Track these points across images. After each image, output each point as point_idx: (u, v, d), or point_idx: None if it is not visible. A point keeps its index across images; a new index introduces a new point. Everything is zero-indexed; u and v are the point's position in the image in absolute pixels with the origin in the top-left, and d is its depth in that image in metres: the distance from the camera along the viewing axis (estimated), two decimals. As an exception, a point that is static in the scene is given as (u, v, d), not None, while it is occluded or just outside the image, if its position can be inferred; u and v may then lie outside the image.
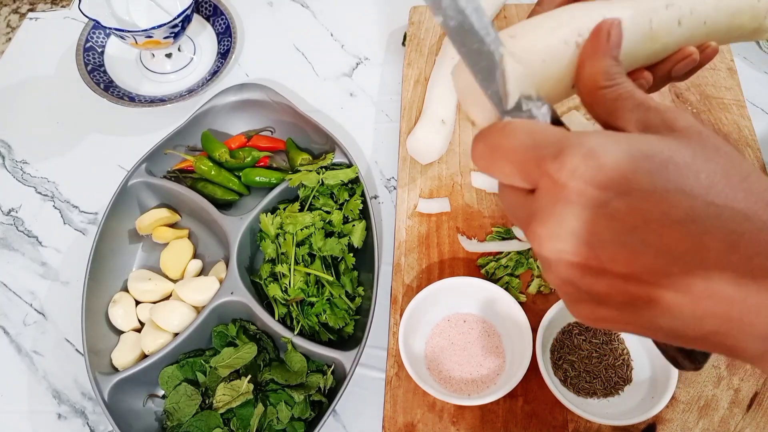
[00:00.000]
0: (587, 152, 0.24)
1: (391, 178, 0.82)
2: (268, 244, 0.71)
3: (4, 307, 0.76)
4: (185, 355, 0.67)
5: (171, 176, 0.79)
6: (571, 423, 0.62)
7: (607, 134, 0.25)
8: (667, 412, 0.62)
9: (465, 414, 0.63)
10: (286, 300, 0.68)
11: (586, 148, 0.24)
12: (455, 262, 0.72)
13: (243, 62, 0.94)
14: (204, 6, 0.97)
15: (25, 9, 2.24)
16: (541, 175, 0.25)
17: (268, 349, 0.67)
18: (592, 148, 0.24)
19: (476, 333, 0.67)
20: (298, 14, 0.99)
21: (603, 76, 0.29)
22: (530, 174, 0.26)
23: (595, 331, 0.65)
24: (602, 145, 0.24)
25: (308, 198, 0.73)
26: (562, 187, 0.24)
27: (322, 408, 0.64)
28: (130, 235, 0.77)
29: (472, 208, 0.76)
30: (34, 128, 0.90)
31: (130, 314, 0.70)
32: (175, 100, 0.86)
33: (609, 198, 0.23)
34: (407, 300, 0.66)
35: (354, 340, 0.67)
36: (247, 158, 0.78)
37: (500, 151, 0.27)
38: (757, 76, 0.87)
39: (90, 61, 0.91)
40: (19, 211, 0.83)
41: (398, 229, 0.75)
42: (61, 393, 0.70)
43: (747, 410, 0.62)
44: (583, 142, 0.24)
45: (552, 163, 0.24)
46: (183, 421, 0.62)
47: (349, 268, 0.70)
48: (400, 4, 0.95)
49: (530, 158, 0.26)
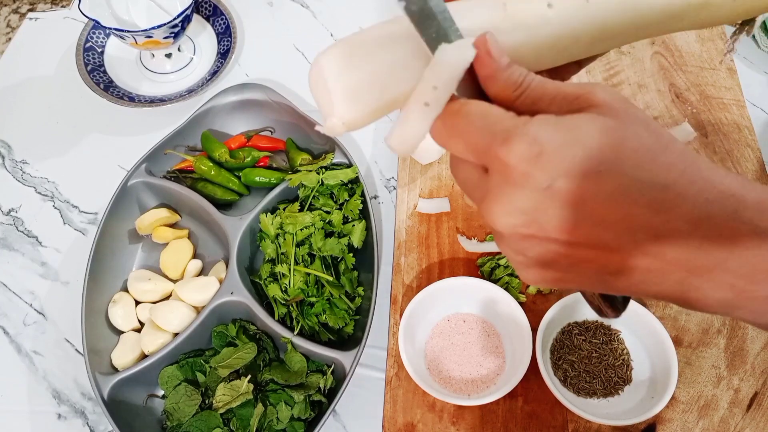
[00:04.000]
0: (531, 139, 0.27)
1: (391, 178, 0.82)
2: (268, 244, 0.71)
3: (4, 307, 0.76)
4: (185, 355, 0.67)
5: (171, 176, 0.79)
6: (571, 423, 0.62)
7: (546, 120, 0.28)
8: (667, 412, 0.62)
9: (465, 414, 0.63)
10: (286, 300, 0.68)
11: (530, 136, 0.27)
12: (455, 262, 0.72)
13: (243, 62, 0.94)
14: (204, 6, 0.97)
15: (25, 9, 2.24)
16: (492, 158, 0.29)
17: (268, 349, 0.67)
18: (535, 136, 0.27)
19: (476, 333, 0.67)
20: (298, 14, 0.99)
21: (509, 89, 0.30)
22: (482, 155, 0.29)
23: (595, 331, 0.65)
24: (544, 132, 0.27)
25: (308, 198, 0.73)
26: (511, 170, 0.28)
27: (322, 408, 0.64)
28: (130, 235, 0.77)
29: (472, 208, 0.76)
30: (34, 128, 0.90)
31: (130, 314, 0.70)
32: (175, 100, 0.86)
33: (551, 179, 0.27)
34: (407, 300, 0.66)
35: (354, 340, 0.67)
36: (247, 158, 0.78)
37: (455, 130, 0.30)
38: (757, 76, 0.87)
39: (90, 61, 0.91)
40: (19, 211, 0.83)
41: (398, 229, 0.75)
42: (61, 393, 0.70)
43: (747, 410, 0.62)
44: (528, 130, 0.27)
45: (501, 147, 0.28)
46: (183, 421, 0.62)
47: (348, 268, 0.70)
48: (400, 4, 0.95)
49: (482, 141, 0.29)
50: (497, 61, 0.30)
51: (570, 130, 0.27)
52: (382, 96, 0.33)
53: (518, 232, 0.29)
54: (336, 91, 0.32)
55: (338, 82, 0.32)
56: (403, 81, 0.33)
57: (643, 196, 0.27)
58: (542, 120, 0.28)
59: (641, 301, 0.66)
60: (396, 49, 0.33)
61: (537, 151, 0.27)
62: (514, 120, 0.29)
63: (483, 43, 0.30)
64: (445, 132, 0.31)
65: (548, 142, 0.27)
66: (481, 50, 0.30)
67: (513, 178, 0.28)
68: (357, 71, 0.32)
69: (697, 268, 0.27)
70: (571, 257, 0.29)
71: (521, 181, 0.27)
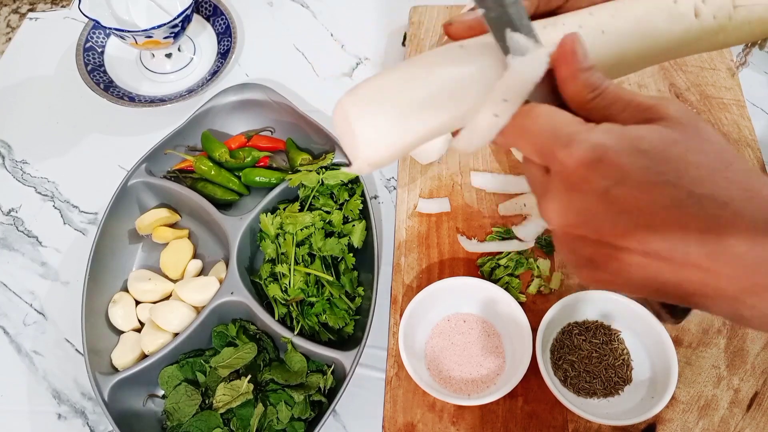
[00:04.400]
0: (593, 145, 0.28)
1: (391, 178, 0.82)
2: (268, 244, 0.71)
3: (4, 307, 0.76)
4: (185, 355, 0.67)
5: (171, 176, 0.79)
6: (571, 423, 0.62)
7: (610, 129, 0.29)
8: (667, 412, 0.62)
9: (465, 414, 0.63)
10: (286, 300, 0.68)
11: (592, 142, 0.28)
12: (455, 262, 0.72)
13: (243, 62, 0.94)
14: (204, 6, 0.97)
15: (25, 9, 2.24)
16: (554, 160, 0.30)
17: (268, 349, 0.67)
18: (596, 143, 0.28)
19: (476, 333, 0.67)
20: (298, 14, 0.99)
21: (586, 91, 0.31)
22: (545, 156, 0.31)
23: (595, 331, 0.65)
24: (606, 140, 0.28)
25: (308, 198, 0.73)
26: (570, 173, 0.29)
27: (322, 408, 0.64)
28: (130, 235, 0.77)
29: (472, 208, 0.76)
30: (34, 128, 0.90)
31: (130, 314, 0.70)
32: (175, 100, 0.86)
33: (608, 186, 0.28)
34: (407, 300, 0.66)
35: (354, 340, 0.67)
36: (247, 158, 0.78)
37: (523, 131, 0.32)
38: (757, 77, 0.87)
39: (90, 61, 0.91)
40: (19, 211, 0.83)
41: (398, 229, 0.75)
42: (61, 393, 0.70)
43: (747, 410, 0.62)
44: (591, 137, 0.28)
45: (562, 150, 0.29)
46: (183, 421, 0.62)
47: (349, 268, 0.70)
48: (400, 4, 0.95)
49: (546, 143, 0.30)
50: (580, 62, 0.31)
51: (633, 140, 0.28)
52: (405, 137, 0.33)
53: (571, 231, 0.30)
54: (360, 134, 0.32)
55: (362, 125, 0.32)
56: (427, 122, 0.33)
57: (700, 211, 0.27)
58: (607, 128, 0.29)
59: (641, 301, 0.66)
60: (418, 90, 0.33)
61: (597, 156, 0.28)
62: (579, 126, 0.30)
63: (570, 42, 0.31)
64: (513, 133, 0.32)
65: (610, 149, 0.28)
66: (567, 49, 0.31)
67: (571, 181, 0.29)
68: (381, 115, 0.32)
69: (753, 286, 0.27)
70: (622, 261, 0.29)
71: (579, 183, 0.29)
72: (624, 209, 0.28)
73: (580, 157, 0.28)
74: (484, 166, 0.79)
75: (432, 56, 0.34)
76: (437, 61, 0.34)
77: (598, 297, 0.65)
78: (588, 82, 0.31)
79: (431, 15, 0.91)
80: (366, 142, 0.32)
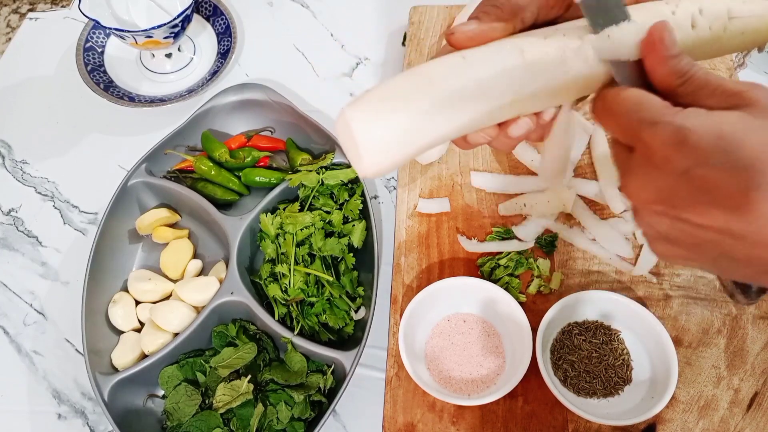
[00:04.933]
0: (677, 127, 0.30)
1: (391, 178, 0.82)
2: (268, 244, 0.71)
3: (4, 307, 0.76)
4: (185, 355, 0.67)
5: (171, 176, 0.79)
6: (571, 423, 0.62)
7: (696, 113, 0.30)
8: (667, 412, 0.62)
9: (465, 414, 0.63)
10: (286, 300, 0.68)
11: (676, 125, 0.30)
12: (455, 262, 0.72)
13: (243, 62, 0.94)
14: (204, 6, 0.97)
15: (25, 9, 2.24)
16: (638, 139, 0.32)
17: (268, 349, 0.67)
18: (681, 125, 0.30)
19: (476, 333, 0.67)
20: (298, 14, 0.99)
21: (674, 76, 0.32)
22: (630, 136, 0.33)
23: (595, 331, 0.65)
24: (689, 123, 0.30)
25: (308, 198, 0.73)
26: (653, 152, 0.31)
27: (322, 408, 0.64)
28: (130, 235, 0.77)
29: (472, 208, 0.76)
30: (34, 128, 0.90)
31: (130, 314, 0.70)
32: (175, 100, 0.86)
33: (689, 166, 0.29)
34: (407, 300, 0.66)
35: (354, 340, 0.67)
36: (247, 158, 0.78)
37: (611, 111, 0.33)
38: (757, 77, 0.86)
39: (90, 61, 0.91)
40: (19, 211, 0.83)
41: (398, 229, 0.75)
42: (61, 393, 0.70)
43: (747, 410, 0.62)
44: (675, 119, 0.30)
45: (646, 130, 0.31)
46: (183, 421, 0.62)
47: (349, 268, 0.70)
48: (400, 4, 0.95)
49: (632, 123, 0.32)
50: (669, 49, 0.32)
51: (717, 124, 0.29)
52: (406, 148, 0.34)
53: (650, 207, 0.32)
54: (362, 145, 0.33)
55: (364, 136, 0.33)
56: (430, 132, 0.34)
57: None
58: (692, 111, 0.30)
59: (641, 301, 0.66)
60: (419, 101, 0.33)
61: (681, 138, 0.29)
62: (666, 109, 0.31)
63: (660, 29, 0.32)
64: (602, 112, 0.34)
65: (693, 132, 0.29)
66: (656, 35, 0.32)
67: (654, 160, 0.31)
68: (382, 125, 0.33)
69: None
70: (697, 238, 0.31)
71: (661, 163, 0.30)
72: (701, 189, 0.29)
73: (664, 138, 0.30)
74: (484, 166, 0.79)
75: (433, 66, 0.35)
76: (438, 71, 0.34)
77: (598, 297, 0.65)
78: (676, 68, 0.32)
79: (431, 15, 0.91)
80: (369, 153, 0.33)
